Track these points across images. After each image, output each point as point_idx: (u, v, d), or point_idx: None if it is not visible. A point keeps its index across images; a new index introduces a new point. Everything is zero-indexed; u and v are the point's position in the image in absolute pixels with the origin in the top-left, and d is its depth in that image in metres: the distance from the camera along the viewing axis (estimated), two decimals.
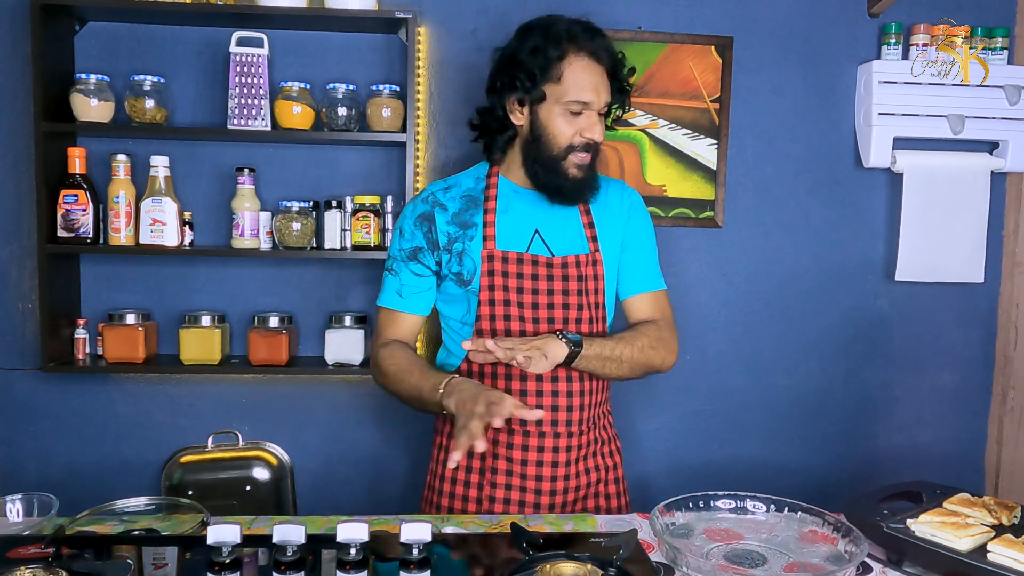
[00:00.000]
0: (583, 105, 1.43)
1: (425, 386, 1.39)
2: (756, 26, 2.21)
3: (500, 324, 1.47)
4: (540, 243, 1.51)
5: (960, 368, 2.37)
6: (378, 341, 1.54)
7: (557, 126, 1.45)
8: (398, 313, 1.54)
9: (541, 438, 1.49)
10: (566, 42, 1.43)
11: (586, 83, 1.43)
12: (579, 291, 1.50)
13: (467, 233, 1.50)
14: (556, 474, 1.49)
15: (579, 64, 1.43)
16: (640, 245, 1.61)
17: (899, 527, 1.20)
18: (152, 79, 2.00)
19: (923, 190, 2.21)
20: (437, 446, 1.60)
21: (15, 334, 2.13)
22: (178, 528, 1.26)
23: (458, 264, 1.49)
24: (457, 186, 1.56)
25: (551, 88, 1.44)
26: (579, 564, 1.04)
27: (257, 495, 2.13)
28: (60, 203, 1.97)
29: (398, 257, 1.53)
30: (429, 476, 1.61)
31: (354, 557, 1.07)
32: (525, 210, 1.52)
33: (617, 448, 1.62)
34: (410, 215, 1.54)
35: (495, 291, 1.47)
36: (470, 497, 1.52)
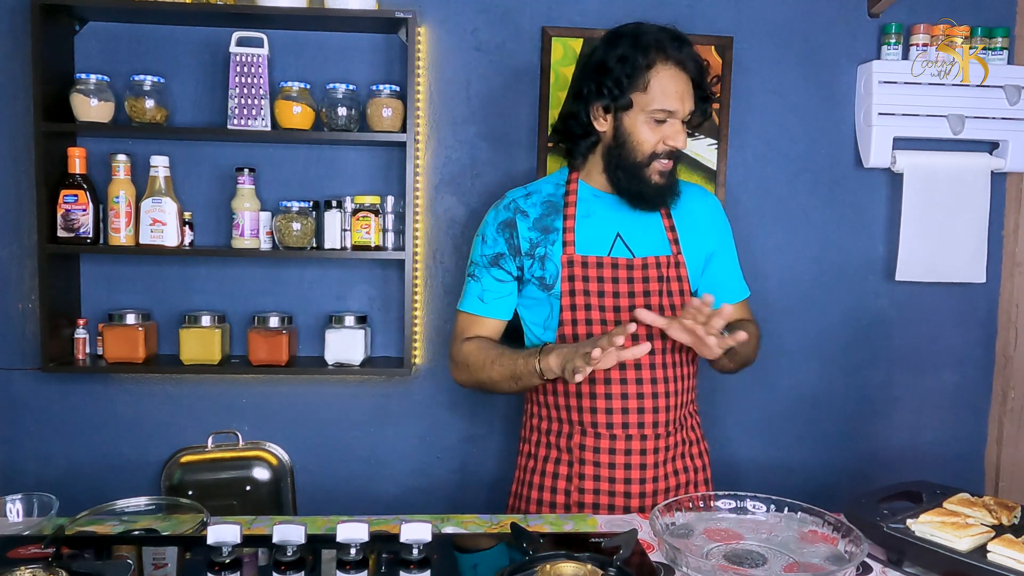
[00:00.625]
0: (668, 113, 1.45)
1: (519, 359, 1.46)
2: (756, 26, 2.21)
3: (582, 328, 1.49)
4: (622, 246, 1.53)
5: (960, 368, 2.37)
6: (458, 340, 1.59)
7: (642, 134, 1.46)
8: (479, 318, 1.58)
9: (628, 441, 1.50)
10: (654, 51, 1.44)
11: (672, 92, 1.44)
12: (660, 292, 1.51)
13: (548, 238, 1.52)
14: (644, 476, 1.50)
15: (666, 73, 1.44)
16: (725, 253, 1.64)
17: (899, 527, 1.20)
18: (152, 79, 2.00)
19: (923, 190, 2.21)
20: (526, 455, 1.62)
21: (15, 334, 2.13)
22: (178, 528, 1.26)
23: (540, 269, 1.52)
24: (537, 192, 1.58)
25: (637, 96, 1.45)
26: (579, 564, 1.04)
27: (257, 495, 2.13)
28: (60, 203, 1.97)
29: (480, 263, 1.57)
30: (516, 484, 1.64)
31: (354, 557, 1.07)
32: (606, 214, 1.54)
33: (705, 449, 1.63)
34: (492, 222, 1.57)
35: (576, 295, 1.50)
36: (558, 503, 1.54)
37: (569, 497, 1.53)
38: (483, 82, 2.17)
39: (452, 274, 2.20)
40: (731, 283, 1.64)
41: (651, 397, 1.49)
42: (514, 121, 2.18)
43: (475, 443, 2.25)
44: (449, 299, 2.21)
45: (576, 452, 1.52)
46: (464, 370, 1.56)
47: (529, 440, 1.62)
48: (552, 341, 1.52)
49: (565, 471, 1.54)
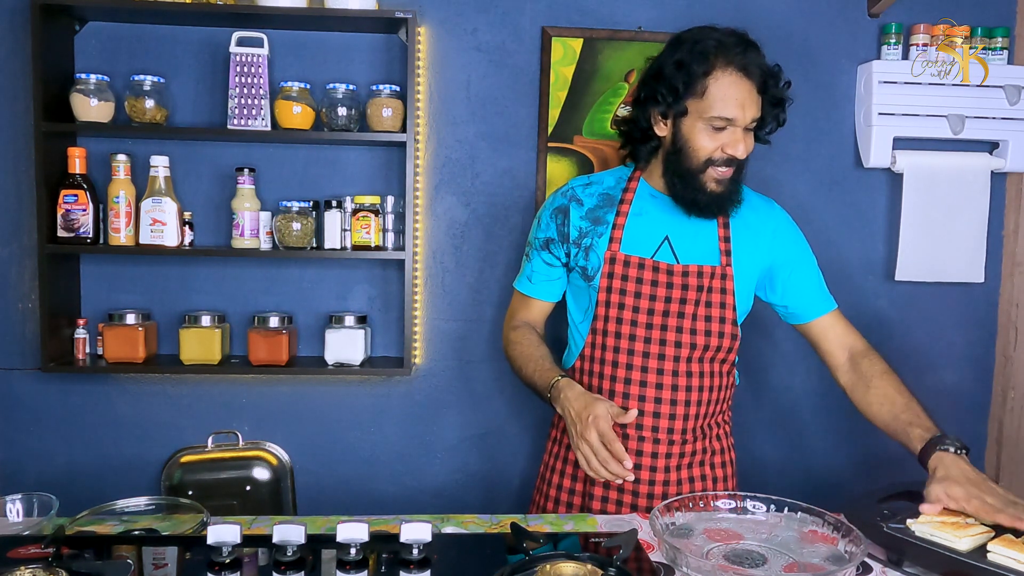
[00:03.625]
0: (726, 121, 1.41)
1: (538, 383, 1.53)
2: (756, 26, 2.20)
3: (612, 326, 1.50)
4: (667, 250, 1.51)
5: (960, 368, 2.37)
6: (510, 322, 1.67)
7: (698, 141, 1.43)
8: (527, 297, 1.65)
9: (640, 442, 1.49)
10: (713, 57, 1.41)
11: (731, 99, 1.40)
12: (697, 302, 1.49)
13: (597, 230, 1.52)
14: (655, 479, 1.50)
15: (725, 80, 1.41)
16: (799, 267, 1.59)
17: (899, 527, 1.20)
18: (152, 79, 2.00)
19: (923, 190, 2.21)
20: (553, 440, 1.65)
21: (15, 334, 2.13)
22: (178, 528, 1.26)
23: (584, 259, 1.53)
24: (599, 183, 1.58)
25: (694, 103, 1.42)
26: (579, 564, 1.04)
27: (257, 495, 2.13)
28: (60, 203, 1.97)
29: (535, 244, 1.61)
30: (542, 468, 1.67)
31: (354, 557, 1.07)
32: (659, 215, 1.52)
33: (731, 459, 1.62)
34: (548, 206, 1.60)
35: (612, 293, 1.50)
36: (576, 491, 1.56)
37: (585, 487, 1.54)
38: (483, 82, 2.17)
39: (452, 274, 2.20)
40: (813, 297, 1.59)
41: (669, 403, 1.49)
42: (514, 121, 2.18)
43: (475, 443, 2.25)
44: (449, 299, 2.21)
45: None
46: (510, 359, 1.64)
47: (557, 426, 1.65)
48: (586, 332, 1.54)
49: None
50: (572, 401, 1.42)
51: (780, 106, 1.50)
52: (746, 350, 2.29)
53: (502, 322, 2.21)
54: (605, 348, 1.51)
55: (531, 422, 2.24)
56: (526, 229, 2.15)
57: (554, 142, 2.16)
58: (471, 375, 2.23)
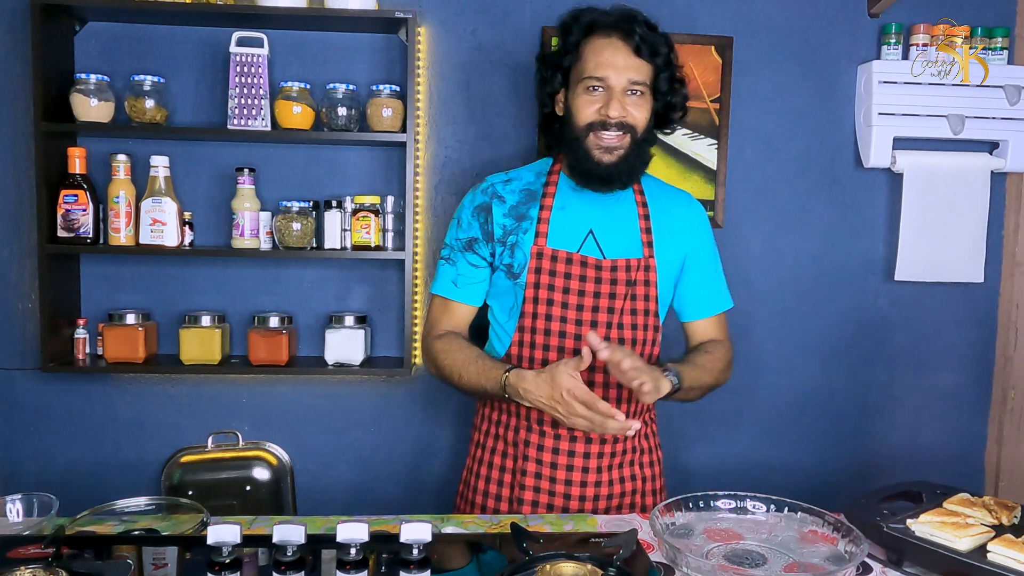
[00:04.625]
0: (599, 81, 1.42)
1: (487, 386, 1.43)
2: (756, 26, 2.21)
3: (541, 323, 1.47)
4: (593, 244, 1.50)
5: (960, 368, 2.37)
6: (432, 332, 1.56)
7: (577, 105, 1.45)
8: (452, 303, 1.55)
9: (572, 442, 1.48)
10: (588, 23, 1.44)
11: (604, 60, 1.42)
12: (626, 295, 1.49)
13: (521, 226, 1.50)
14: (586, 480, 1.48)
15: (599, 42, 1.43)
16: (705, 262, 1.59)
17: (899, 527, 1.20)
18: (152, 79, 2.00)
19: (923, 190, 2.21)
20: (475, 443, 1.61)
21: (15, 334, 2.13)
22: (178, 528, 1.26)
23: (509, 256, 1.49)
24: (518, 179, 1.57)
25: (574, 71, 1.46)
26: (579, 564, 1.04)
27: (257, 495, 2.13)
28: (60, 203, 1.97)
29: (455, 247, 1.54)
30: (465, 472, 1.63)
31: (354, 557, 1.07)
32: (582, 209, 1.51)
33: (658, 459, 1.61)
34: (468, 205, 1.55)
35: (540, 288, 1.47)
36: (503, 496, 1.53)
37: (513, 491, 1.52)
38: (483, 82, 2.16)
39: None
40: (710, 294, 1.59)
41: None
42: (514, 121, 2.18)
43: None
44: None
45: (521, 447, 1.51)
46: (433, 366, 1.54)
47: (480, 428, 1.61)
48: (512, 331, 1.50)
49: (511, 465, 1.53)
50: (535, 390, 1.35)
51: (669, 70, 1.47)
52: (746, 350, 2.30)
53: None
54: (533, 346, 1.48)
55: None
56: None
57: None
58: None
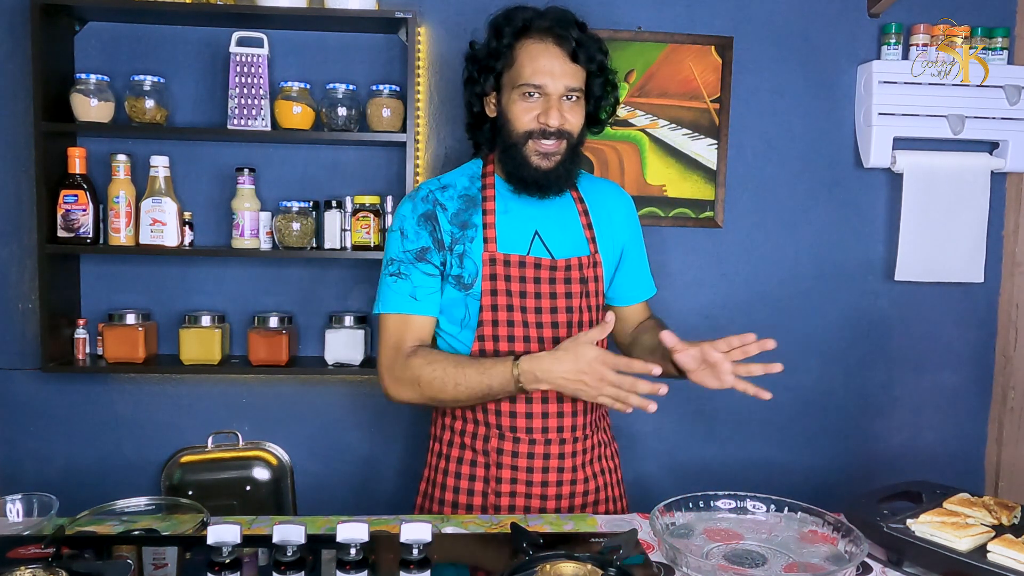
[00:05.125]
0: (536, 88, 1.39)
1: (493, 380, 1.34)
2: (756, 26, 2.21)
3: (503, 330, 1.43)
4: (540, 245, 1.47)
5: (960, 368, 2.37)
6: (400, 352, 1.41)
7: (514, 111, 1.42)
8: (413, 317, 1.43)
9: (547, 445, 1.46)
10: (522, 26, 1.41)
11: (540, 66, 1.38)
12: (581, 293, 1.47)
13: (467, 234, 1.45)
14: (562, 479, 1.47)
15: (534, 48, 1.39)
16: (638, 253, 1.61)
17: (899, 527, 1.20)
18: (152, 79, 2.00)
19: (923, 190, 2.21)
20: (437, 454, 1.54)
21: (15, 334, 2.13)
22: (178, 528, 1.26)
23: (459, 267, 1.44)
24: (453, 186, 1.51)
25: (508, 74, 1.43)
26: (579, 564, 1.04)
27: (257, 495, 2.13)
28: (60, 203, 1.97)
29: (405, 259, 1.44)
30: (425, 484, 1.56)
31: (354, 557, 1.07)
32: (523, 211, 1.48)
33: (615, 450, 1.61)
34: (410, 215, 1.46)
35: (498, 295, 1.43)
36: (474, 505, 1.48)
37: (486, 499, 1.47)
38: None
39: None
40: (643, 281, 1.62)
41: (571, 401, 1.45)
42: None
43: None
44: None
45: (493, 455, 1.46)
46: (412, 387, 1.40)
47: (441, 439, 1.53)
48: (470, 341, 1.44)
49: (482, 472, 1.47)
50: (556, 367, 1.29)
51: (603, 75, 1.45)
52: None
53: None
54: (497, 354, 1.43)
55: None
56: None
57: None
58: None
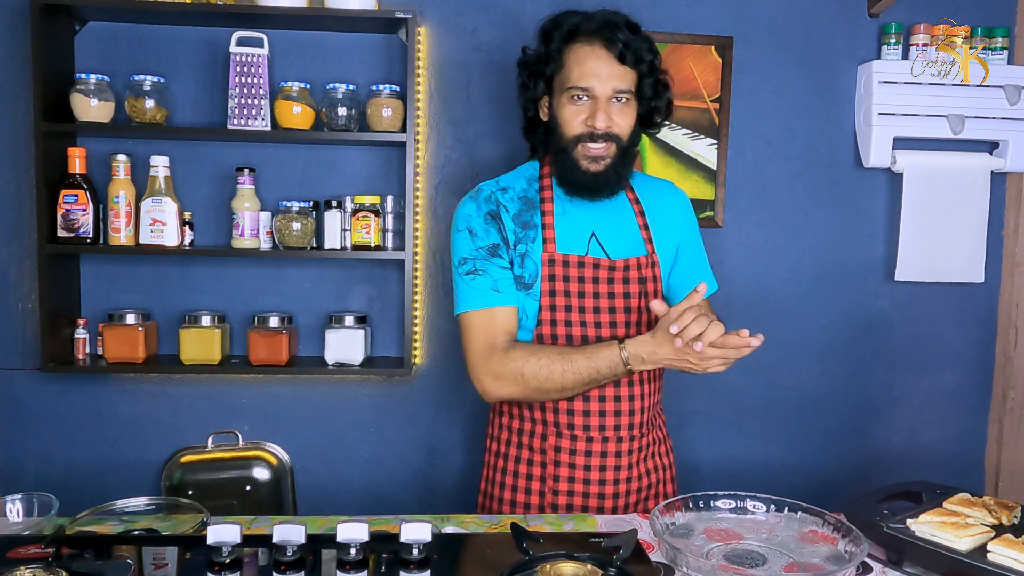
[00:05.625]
0: (584, 91, 1.40)
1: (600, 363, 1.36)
2: (756, 26, 2.21)
3: (562, 329, 1.45)
4: (597, 246, 1.49)
5: (960, 368, 2.37)
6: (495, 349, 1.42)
7: (563, 115, 1.43)
8: (498, 310, 1.43)
9: (604, 443, 1.47)
10: (571, 30, 1.42)
11: (588, 69, 1.39)
12: (640, 293, 1.49)
13: (528, 235, 1.47)
14: (619, 477, 1.48)
15: (582, 51, 1.41)
16: (694, 248, 1.61)
17: (899, 527, 1.20)
18: (152, 79, 2.00)
19: (923, 190, 2.21)
20: (495, 453, 1.57)
21: (15, 334, 2.13)
22: (178, 528, 1.26)
23: (520, 267, 1.46)
24: (512, 188, 1.53)
25: (558, 78, 1.44)
26: (579, 564, 1.04)
27: (257, 495, 2.13)
28: (60, 203, 1.97)
29: (479, 256, 1.46)
30: (484, 483, 1.59)
31: (354, 557, 1.07)
32: (580, 212, 1.50)
33: (670, 447, 1.62)
34: (476, 214, 1.48)
35: (556, 296, 1.45)
36: (532, 504, 1.50)
37: (543, 498, 1.50)
38: (483, 82, 2.17)
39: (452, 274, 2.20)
40: (699, 278, 1.59)
41: (628, 399, 1.47)
42: (514, 121, 2.16)
43: (475, 443, 2.25)
44: (449, 299, 2.20)
45: (551, 454, 1.49)
46: (515, 382, 1.40)
47: (498, 439, 1.57)
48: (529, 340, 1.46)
49: (539, 472, 1.50)
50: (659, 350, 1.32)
51: (654, 76, 1.45)
52: None
53: None
54: None
55: None
56: None
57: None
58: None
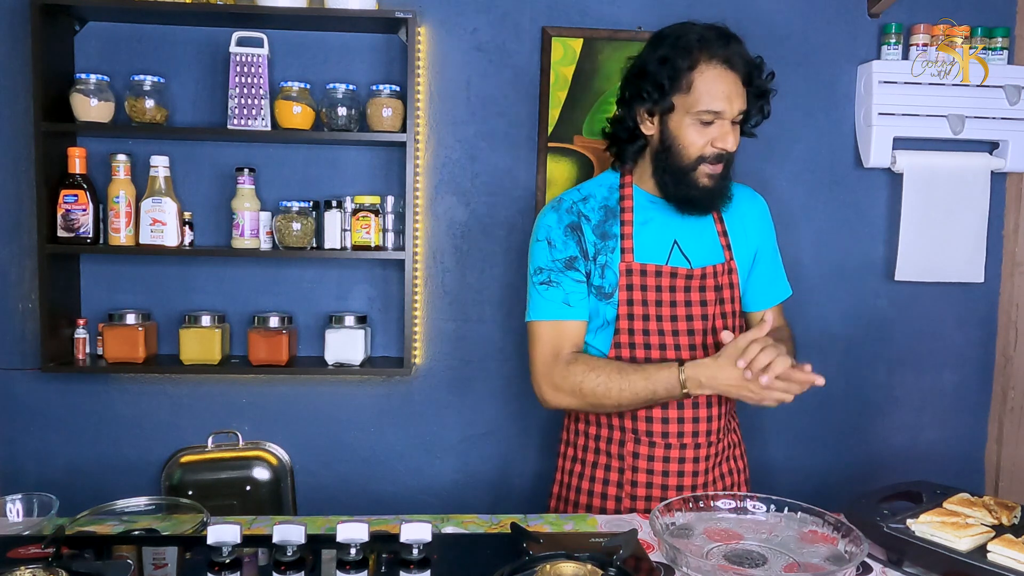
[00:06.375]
0: (714, 115, 1.40)
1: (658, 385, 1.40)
2: (756, 26, 2.21)
3: (639, 337, 1.47)
4: (679, 254, 1.50)
5: (960, 368, 2.37)
6: (559, 359, 1.46)
7: (687, 136, 1.42)
8: (567, 323, 1.47)
9: (682, 449, 1.49)
10: (696, 51, 1.39)
11: (718, 92, 1.39)
12: (716, 300, 1.50)
13: (608, 245, 1.48)
14: (696, 483, 1.50)
15: (710, 73, 1.39)
16: (770, 254, 1.62)
17: (899, 527, 1.20)
18: (152, 79, 2.00)
19: (923, 190, 2.21)
20: (571, 459, 1.59)
21: (15, 334, 2.13)
22: (178, 528, 1.26)
23: (600, 278, 1.47)
24: (593, 196, 1.53)
25: (681, 98, 1.41)
26: (579, 564, 1.04)
27: (257, 495, 2.13)
28: (60, 203, 1.97)
29: (555, 268, 1.48)
30: (558, 487, 1.61)
31: (354, 557, 1.07)
32: (663, 220, 1.50)
33: (744, 451, 1.64)
34: (556, 225, 1.49)
35: (634, 305, 1.46)
36: (608, 509, 1.52)
37: (620, 503, 1.51)
38: (483, 82, 2.17)
39: (452, 274, 2.20)
40: (776, 284, 1.64)
41: (705, 406, 1.49)
42: (514, 121, 2.18)
43: (475, 443, 2.25)
44: (449, 299, 2.20)
45: (629, 460, 1.50)
46: (573, 395, 1.45)
47: (575, 444, 1.59)
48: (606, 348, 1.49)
49: (616, 477, 1.52)
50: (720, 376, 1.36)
51: (764, 97, 1.48)
52: None
53: (502, 322, 2.21)
54: (633, 360, 1.47)
55: (531, 422, 2.24)
56: (527, 229, 2.15)
57: (554, 142, 2.16)
58: (471, 375, 2.23)
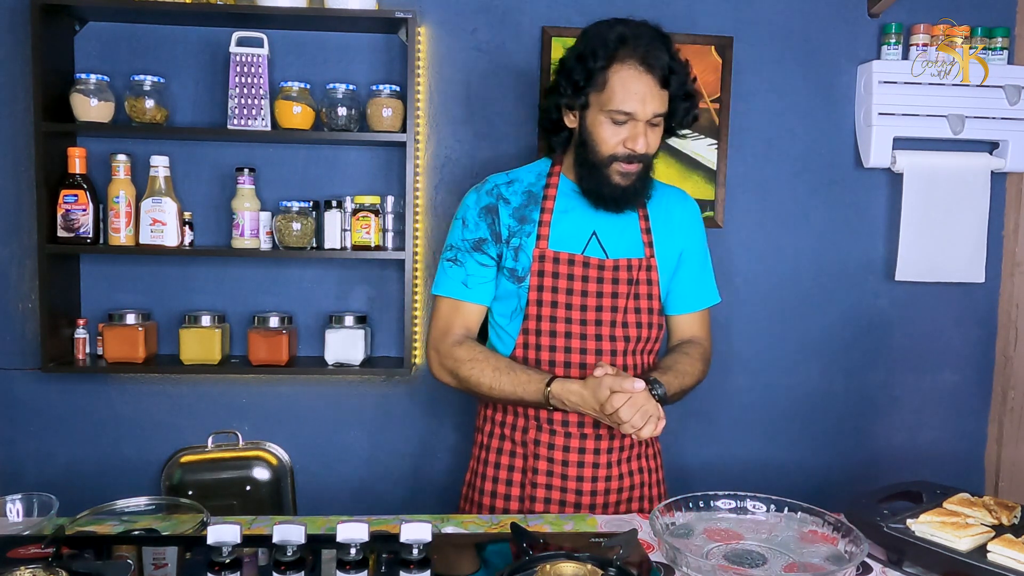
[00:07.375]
0: (626, 115, 1.40)
1: (526, 395, 1.43)
2: (756, 26, 2.21)
3: (546, 324, 1.48)
4: (596, 245, 1.51)
5: (960, 368, 2.37)
6: (447, 337, 1.51)
7: (601, 134, 1.43)
8: (463, 304, 1.52)
9: (582, 440, 1.49)
10: (613, 49, 1.39)
11: (631, 92, 1.39)
12: (629, 295, 1.50)
13: (524, 229, 1.50)
14: (597, 475, 1.50)
15: (625, 73, 1.39)
16: (697, 258, 1.61)
17: (899, 527, 1.20)
18: (152, 79, 2.00)
19: (923, 190, 2.21)
20: (479, 445, 1.60)
21: (15, 334, 2.12)
22: (178, 528, 1.26)
23: (513, 260, 1.49)
24: (519, 181, 1.56)
25: (596, 96, 1.42)
26: (579, 564, 1.04)
27: (257, 495, 2.13)
28: (60, 203, 1.97)
29: (462, 247, 1.52)
30: (469, 475, 1.62)
31: (354, 557, 1.07)
32: (584, 211, 1.52)
33: (658, 450, 1.62)
34: (473, 206, 1.53)
35: (544, 291, 1.48)
36: (512, 496, 1.53)
37: (524, 490, 1.52)
38: (483, 82, 2.17)
39: None
40: (699, 289, 1.62)
41: None
42: (514, 121, 2.18)
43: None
44: None
45: (531, 447, 1.51)
46: (451, 377, 1.51)
47: (483, 430, 1.60)
48: (516, 332, 1.50)
49: (520, 464, 1.53)
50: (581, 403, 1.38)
51: (689, 100, 1.47)
52: (746, 350, 2.30)
53: None
54: (539, 348, 1.49)
55: None
56: None
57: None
58: None
